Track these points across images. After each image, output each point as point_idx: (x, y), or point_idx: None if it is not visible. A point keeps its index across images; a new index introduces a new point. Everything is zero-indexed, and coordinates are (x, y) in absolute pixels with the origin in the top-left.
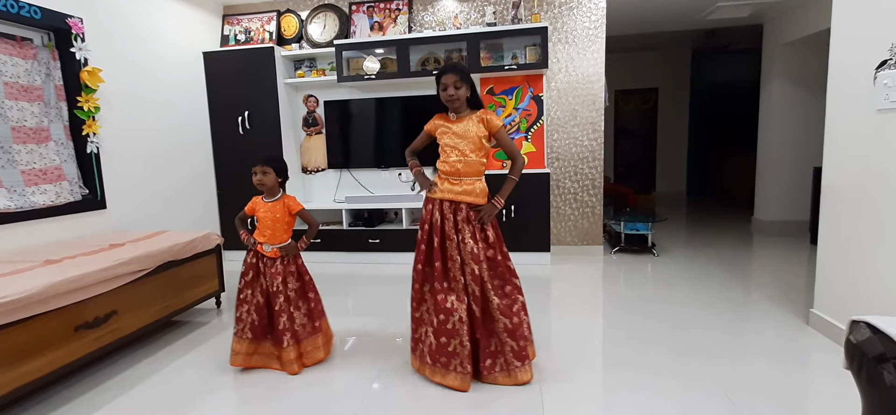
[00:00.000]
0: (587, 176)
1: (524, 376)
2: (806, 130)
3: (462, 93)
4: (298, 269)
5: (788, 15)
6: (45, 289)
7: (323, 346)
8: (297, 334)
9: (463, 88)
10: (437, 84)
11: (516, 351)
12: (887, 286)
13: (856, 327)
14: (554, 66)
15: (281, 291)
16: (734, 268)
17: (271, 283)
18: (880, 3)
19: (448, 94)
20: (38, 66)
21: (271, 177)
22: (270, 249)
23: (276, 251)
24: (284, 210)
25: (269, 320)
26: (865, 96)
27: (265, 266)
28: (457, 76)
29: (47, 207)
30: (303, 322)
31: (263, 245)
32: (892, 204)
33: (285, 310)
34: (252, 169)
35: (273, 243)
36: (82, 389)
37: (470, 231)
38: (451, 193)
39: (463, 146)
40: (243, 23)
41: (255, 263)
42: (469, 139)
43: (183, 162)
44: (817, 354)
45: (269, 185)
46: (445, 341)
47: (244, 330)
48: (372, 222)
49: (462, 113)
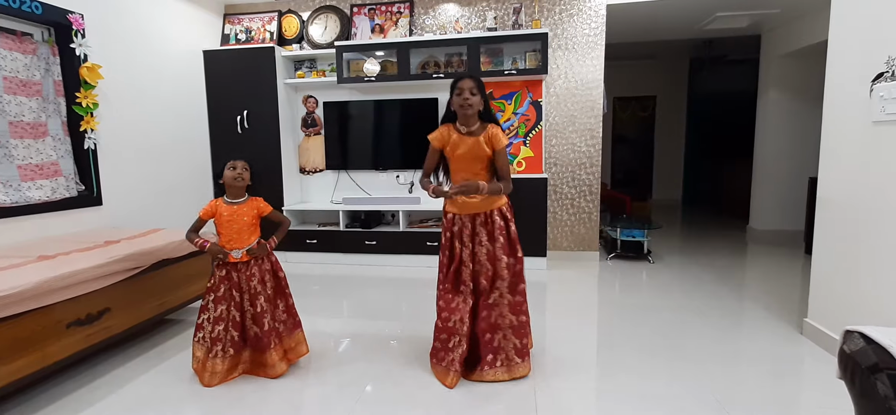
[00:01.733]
0: (584, 182)
1: (523, 371)
2: (802, 140)
3: (476, 101)
4: (273, 266)
5: (786, 26)
6: (39, 285)
7: (303, 340)
8: (280, 334)
9: (477, 97)
10: (452, 90)
11: (518, 349)
12: (881, 297)
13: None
14: (553, 71)
15: (260, 291)
16: (729, 276)
17: (248, 286)
18: (877, 17)
19: (463, 99)
20: (38, 61)
21: (248, 175)
22: (239, 254)
23: (245, 255)
24: (253, 212)
25: (245, 329)
26: (861, 108)
27: (239, 273)
28: (474, 83)
29: (43, 203)
30: (283, 319)
31: (232, 252)
32: (887, 215)
33: (268, 310)
34: (230, 163)
35: (240, 247)
36: (73, 386)
37: (487, 233)
38: (469, 206)
39: (472, 166)
40: (244, 22)
41: (225, 275)
42: (478, 158)
43: (180, 160)
44: (811, 363)
45: (243, 184)
46: (446, 338)
47: (225, 349)
48: (369, 224)
49: (472, 126)
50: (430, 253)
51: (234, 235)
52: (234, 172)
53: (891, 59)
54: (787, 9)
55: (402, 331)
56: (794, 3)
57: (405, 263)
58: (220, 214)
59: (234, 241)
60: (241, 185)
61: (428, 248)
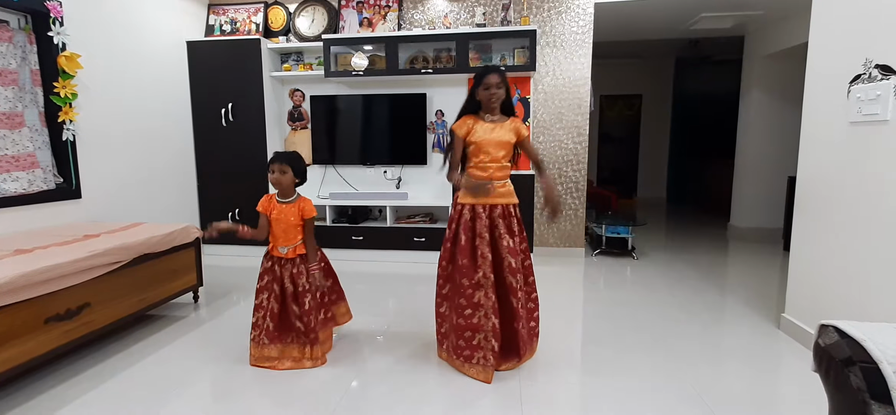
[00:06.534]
0: (571, 179)
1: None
2: (782, 140)
3: (502, 93)
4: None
5: (769, 28)
6: (15, 279)
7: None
8: (317, 331)
9: (503, 89)
10: (478, 83)
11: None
12: (856, 292)
13: (825, 332)
14: (541, 68)
15: (307, 290)
16: (710, 272)
17: (294, 283)
18: (855, 21)
19: (490, 93)
20: (14, 49)
21: (289, 176)
22: (285, 250)
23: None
24: (298, 213)
25: (283, 321)
26: (839, 109)
27: (282, 268)
28: (500, 77)
29: (19, 195)
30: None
31: (278, 247)
32: (862, 213)
33: (314, 308)
34: (270, 166)
35: (286, 245)
36: (51, 382)
37: (505, 226)
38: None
39: (496, 152)
40: (229, 13)
41: (271, 266)
42: (502, 145)
43: (163, 153)
44: (787, 357)
45: (285, 184)
46: (470, 335)
47: (260, 337)
48: (356, 219)
49: (495, 116)
50: (417, 249)
51: (281, 233)
52: (272, 176)
53: (868, 61)
54: (770, 11)
55: (389, 327)
56: (776, 6)
57: (392, 258)
58: (272, 210)
59: (281, 238)
60: (286, 185)
61: (415, 244)
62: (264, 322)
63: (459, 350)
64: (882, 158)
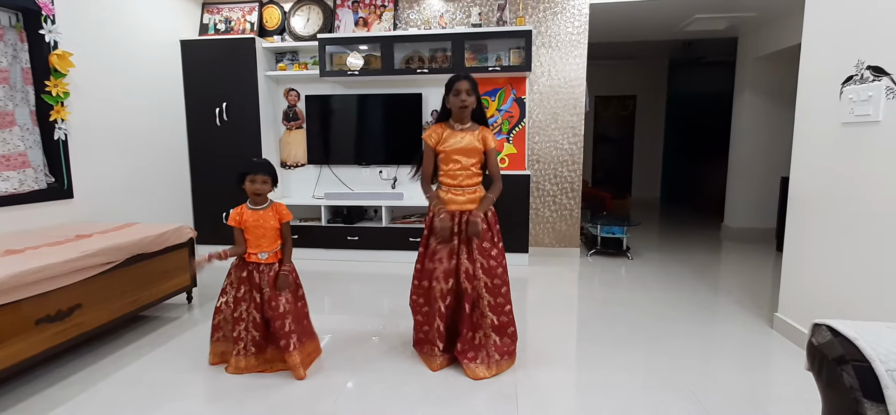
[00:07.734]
0: (566, 179)
1: (505, 366)
2: (775, 140)
3: (472, 101)
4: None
5: (762, 29)
6: (6, 279)
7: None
8: (300, 338)
9: (473, 97)
10: (448, 90)
11: (498, 346)
12: (848, 292)
13: (818, 331)
14: (537, 69)
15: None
16: (704, 272)
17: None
18: (848, 23)
19: (461, 100)
20: (5, 47)
21: (269, 185)
22: (265, 256)
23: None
24: (277, 217)
25: (267, 329)
26: (832, 110)
27: (260, 274)
28: (470, 84)
29: (10, 195)
30: (303, 323)
31: (258, 254)
32: (854, 213)
33: (290, 312)
34: (249, 177)
35: (267, 250)
36: (43, 384)
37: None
38: (456, 203)
39: (466, 161)
40: (224, 12)
41: (246, 276)
42: (471, 152)
43: (156, 152)
44: (781, 356)
45: (267, 193)
46: (428, 329)
47: (247, 348)
48: (351, 219)
49: (466, 124)
50: (412, 249)
51: (261, 239)
52: (253, 186)
53: (860, 62)
54: (764, 13)
55: (385, 327)
56: (769, 7)
57: (388, 258)
58: (246, 220)
59: (261, 244)
60: (267, 193)
61: (410, 244)
62: (248, 334)
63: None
64: (874, 159)
